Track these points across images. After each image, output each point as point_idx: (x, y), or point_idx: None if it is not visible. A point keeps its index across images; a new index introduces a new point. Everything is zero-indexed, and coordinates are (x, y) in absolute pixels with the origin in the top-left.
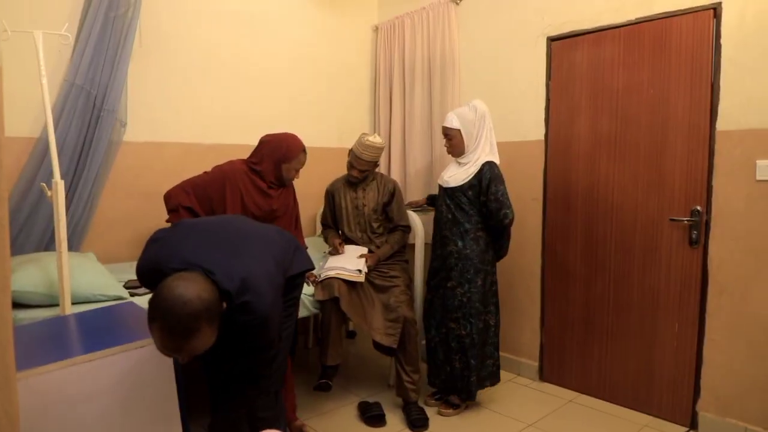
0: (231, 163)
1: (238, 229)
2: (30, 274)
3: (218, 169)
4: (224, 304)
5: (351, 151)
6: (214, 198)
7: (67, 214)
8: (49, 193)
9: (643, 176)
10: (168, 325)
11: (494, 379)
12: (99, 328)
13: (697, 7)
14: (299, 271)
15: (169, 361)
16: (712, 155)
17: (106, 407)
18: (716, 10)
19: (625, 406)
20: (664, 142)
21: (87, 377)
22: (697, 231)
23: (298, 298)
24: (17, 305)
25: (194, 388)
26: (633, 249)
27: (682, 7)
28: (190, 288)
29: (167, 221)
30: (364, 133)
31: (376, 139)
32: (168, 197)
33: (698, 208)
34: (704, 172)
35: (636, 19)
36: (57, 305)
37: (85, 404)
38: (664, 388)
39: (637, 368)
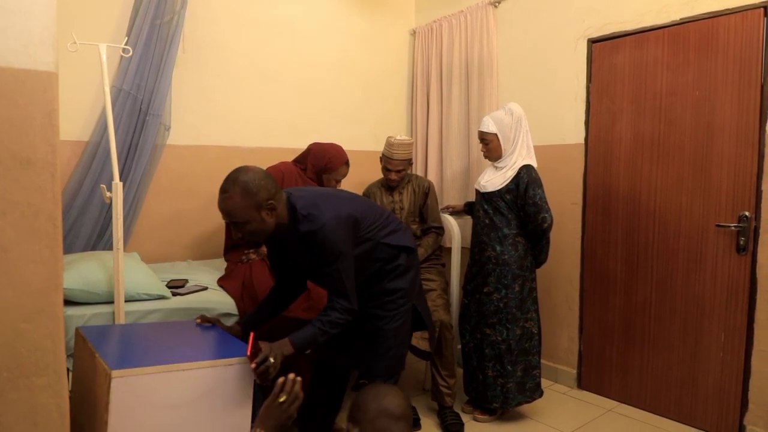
0: (284, 164)
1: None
2: (79, 273)
3: (276, 169)
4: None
5: (382, 156)
6: None
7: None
8: (108, 195)
9: (687, 181)
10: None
11: (540, 391)
12: (190, 338)
13: (746, 6)
14: (396, 243)
15: (249, 382)
16: (762, 159)
17: (187, 416)
18: (767, 9)
19: (667, 417)
20: (710, 146)
21: (176, 385)
22: (745, 237)
23: (405, 290)
24: (66, 302)
25: None
26: (676, 255)
27: (730, 7)
28: (252, 168)
29: None
30: (389, 136)
31: (403, 136)
32: None
33: (746, 213)
34: (753, 177)
35: (680, 19)
36: (104, 303)
37: (169, 410)
38: (709, 399)
39: (680, 378)
